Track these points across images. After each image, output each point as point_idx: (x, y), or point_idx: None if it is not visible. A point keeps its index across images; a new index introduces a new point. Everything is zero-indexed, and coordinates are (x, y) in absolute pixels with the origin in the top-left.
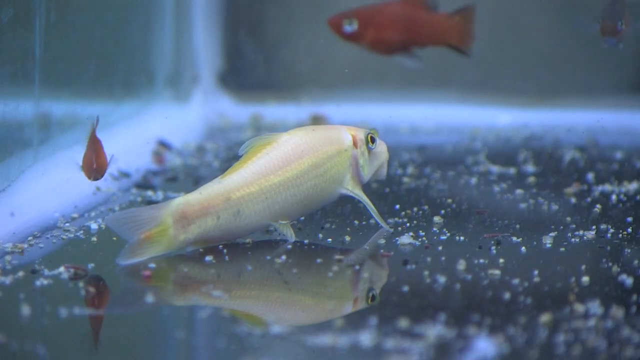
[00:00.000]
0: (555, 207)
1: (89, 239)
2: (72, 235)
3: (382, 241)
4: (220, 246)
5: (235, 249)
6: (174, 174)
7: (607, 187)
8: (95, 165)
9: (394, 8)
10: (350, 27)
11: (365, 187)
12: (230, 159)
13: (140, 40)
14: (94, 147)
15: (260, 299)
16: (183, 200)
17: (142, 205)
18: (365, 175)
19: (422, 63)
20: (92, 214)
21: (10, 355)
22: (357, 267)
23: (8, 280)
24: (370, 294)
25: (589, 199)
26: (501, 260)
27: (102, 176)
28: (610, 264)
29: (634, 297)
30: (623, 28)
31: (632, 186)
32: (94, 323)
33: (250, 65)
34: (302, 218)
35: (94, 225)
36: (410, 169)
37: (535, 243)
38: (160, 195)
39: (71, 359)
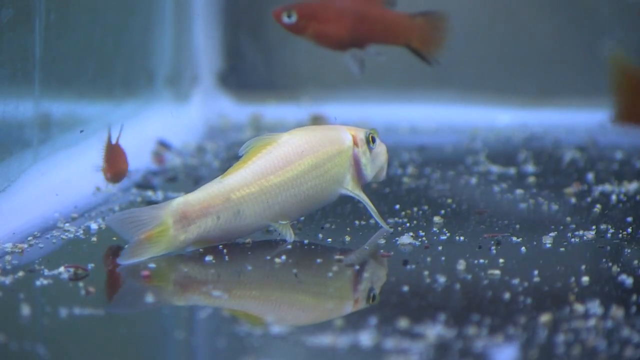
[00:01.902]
0: (555, 207)
1: (89, 239)
2: (72, 235)
3: (382, 241)
4: (220, 246)
5: (235, 249)
6: (174, 174)
7: (607, 187)
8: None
9: (342, 2)
10: (289, 19)
11: (365, 187)
12: (230, 159)
13: (140, 40)
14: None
15: (260, 299)
16: (183, 200)
17: (142, 205)
18: (368, 173)
19: (364, 70)
20: (92, 214)
21: (10, 355)
22: (357, 267)
23: (8, 280)
24: (370, 294)
25: (589, 199)
26: (501, 260)
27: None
28: (610, 264)
29: (634, 297)
30: None
31: (632, 186)
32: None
33: (250, 65)
34: (302, 218)
35: (94, 225)
36: (410, 169)
37: (535, 243)
38: (160, 195)
39: (71, 359)
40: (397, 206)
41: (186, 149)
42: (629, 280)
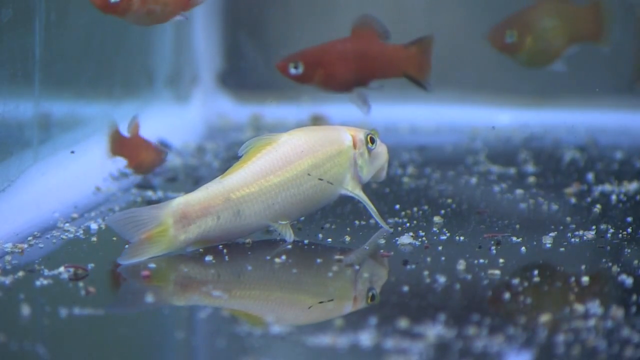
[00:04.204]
0: (555, 207)
1: (89, 239)
2: (72, 235)
3: (382, 241)
4: (220, 246)
5: (235, 249)
6: (174, 174)
7: (607, 187)
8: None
9: (343, 44)
10: (296, 70)
11: (365, 187)
12: (230, 159)
13: (140, 40)
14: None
15: (260, 299)
16: (183, 200)
17: (142, 205)
18: (364, 176)
19: (370, 106)
20: (92, 214)
21: (10, 355)
22: (357, 267)
23: (8, 280)
24: (370, 294)
25: (589, 199)
26: (501, 260)
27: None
28: (610, 264)
29: (634, 297)
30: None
31: (632, 186)
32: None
33: (250, 65)
34: (302, 218)
35: (94, 225)
36: (410, 169)
37: (535, 243)
38: (160, 195)
39: (71, 359)
40: (397, 206)
41: (186, 149)
42: (629, 280)
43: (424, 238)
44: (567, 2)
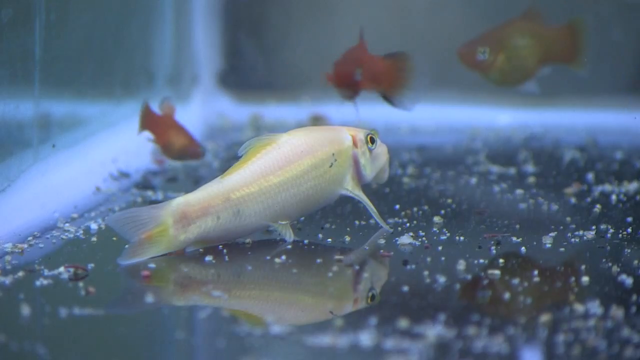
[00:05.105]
0: (555, 207)
1: (89, 239)
2: (72, 235)
3: (382, 241)
4: (220, 246)
5: (235, 249)
6: (174, 174)
7: (607, 187)
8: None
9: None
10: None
11: (365, 187)
12: (230, 159)
13: (140, 40)
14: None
15: (260, 299)
16: (183, 200)
17: (143, 205)
18: (368, 174)
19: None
20: (92, 214)
21: (10, 355)
22: (357, 267)
23: (8, 280)
24: (370, 294)
25: (589, 199)
26: (501, 260)
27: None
28: (610, 264)
29: (634, 297)
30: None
31: (632, 186)
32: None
33: (250, 65)
34: (302, 218)
35: (94, 225)
36: (410, 169)
37: (535, 243)
38: (160, 195)
39: (71, 359)
40: (397, 206)
41: None
42: (629, 280)
43: (424, 238)
44: (540, 23)
